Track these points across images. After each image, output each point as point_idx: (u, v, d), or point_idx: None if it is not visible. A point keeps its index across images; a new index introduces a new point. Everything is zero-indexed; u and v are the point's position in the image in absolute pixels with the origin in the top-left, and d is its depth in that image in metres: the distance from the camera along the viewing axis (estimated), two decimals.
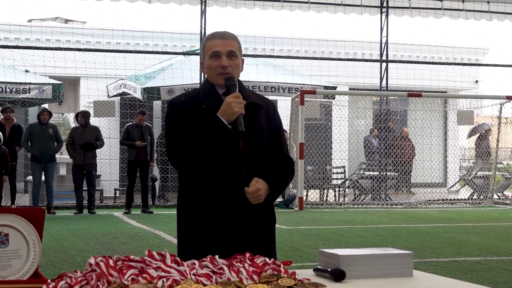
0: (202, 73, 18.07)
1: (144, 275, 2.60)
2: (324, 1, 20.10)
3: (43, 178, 16.12)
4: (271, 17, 44.52)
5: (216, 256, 2.89)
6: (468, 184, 21.98)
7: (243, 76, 3.93)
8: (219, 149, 3.67)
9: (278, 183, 3.81)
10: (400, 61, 22.19)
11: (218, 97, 3.77)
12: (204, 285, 2.60)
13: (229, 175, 3.71)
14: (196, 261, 2.82)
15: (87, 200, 16.37)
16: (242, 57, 3.92)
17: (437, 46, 24.70)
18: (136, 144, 16.21)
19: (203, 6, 19.03)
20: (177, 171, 3.87)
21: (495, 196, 20.70)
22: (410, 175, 21.85)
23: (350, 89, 23.27)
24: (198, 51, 19.19)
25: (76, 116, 16.80)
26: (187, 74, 18.28)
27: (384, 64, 20.80)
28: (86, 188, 16.47)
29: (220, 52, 3.76)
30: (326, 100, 20.75)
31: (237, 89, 3.77)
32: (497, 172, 21.07)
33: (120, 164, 20.73)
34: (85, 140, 16.05)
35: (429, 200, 20.41)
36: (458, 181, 23.82)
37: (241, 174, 3.72)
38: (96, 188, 17.37)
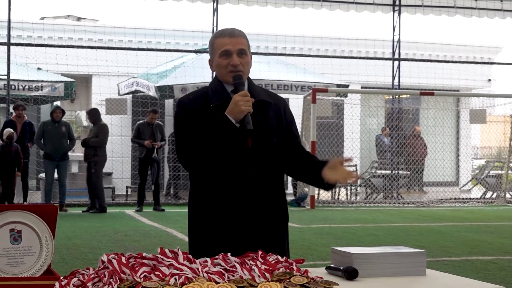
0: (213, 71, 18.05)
1: (157, 273, 2.60)
2: None
3: (55, 175, 16.17)
4: (284, 15, 44.53)
5: (229, 254, 2.89)
6: (480, 183, 21.91)
7: (255, 74, 3.92)
8: (228, 148, 3.66)
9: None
10: (412, 60, 22.13)
11: (226, 95, 3.75)
12: (217, 282, 2.60)
13: (238, 173, 3.70)
14: (208, 259, 2.82)
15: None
16: (251, 54, 3.92)
17: (450, 44, 24.62)
18: (145, 144, 16.20)
19: (215, 4, 19.02)
20: (187, 170, 3.86)
21: (508, 195, 20.63)
22: (422, 174, 21.79)
23: (362, 87, 23.23)
24: None
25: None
26: (199, 72, 18.28)
27: (396, 63, 20.75)
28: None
29: (230, 51, 3.74)
30: (338, 98, 20.71)
31: (246, 87, 3.76)
32: (509, 171, 20.99)
33: (131, 162, 20.76)
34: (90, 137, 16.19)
35: (441, 199, 20.36)
36: (470, 180, 23.74)
37: (250, 173, 3.71)
38: (108, 186, 17.37)
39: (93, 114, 16.42)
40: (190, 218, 3.84)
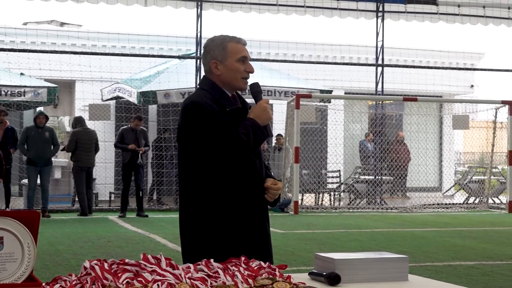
0: (198, 76, 18.06)
1: (139, 279, 2.59)
2: (321, 5, 20.10)
3: (38, 181, 16.09)
4: (267, 21, 44.64)
5: (212, 260, 2.89)
6: (463, 189, 22.00)
7: None
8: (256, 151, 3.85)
9: None
10: (395, 66, 22.20)
11: (231, 100, 3.87)
12: None
13: (255, 176, 3.85)
14: (191, 265, 2.82)
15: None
16: None
17: (433, 50, 24.74)
18: (130, 147, 16.18)
19: (199, 10, 19.02)
20: (221, 166, 3.76)
21: (490, 201, 20.72)
22: (406, 180, 21.85)
23: (345, 93, 23.28)
24: (194, 54, 19.18)
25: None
26: (183, 77, 18.27)
27: (379, 68, 20.81)
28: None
29: (247, 58, 3.90)
30: (321, 104, 20.76)
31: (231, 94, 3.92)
32: (492, 177, 21.08)
33: (115, 168, 20.70)
34: None
35: (424, 205, 20.41)
36: (453, 186, 23.84)
37: (262, 175, 3.89)
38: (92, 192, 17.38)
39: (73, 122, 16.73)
40: (196, 221, 3.81)
